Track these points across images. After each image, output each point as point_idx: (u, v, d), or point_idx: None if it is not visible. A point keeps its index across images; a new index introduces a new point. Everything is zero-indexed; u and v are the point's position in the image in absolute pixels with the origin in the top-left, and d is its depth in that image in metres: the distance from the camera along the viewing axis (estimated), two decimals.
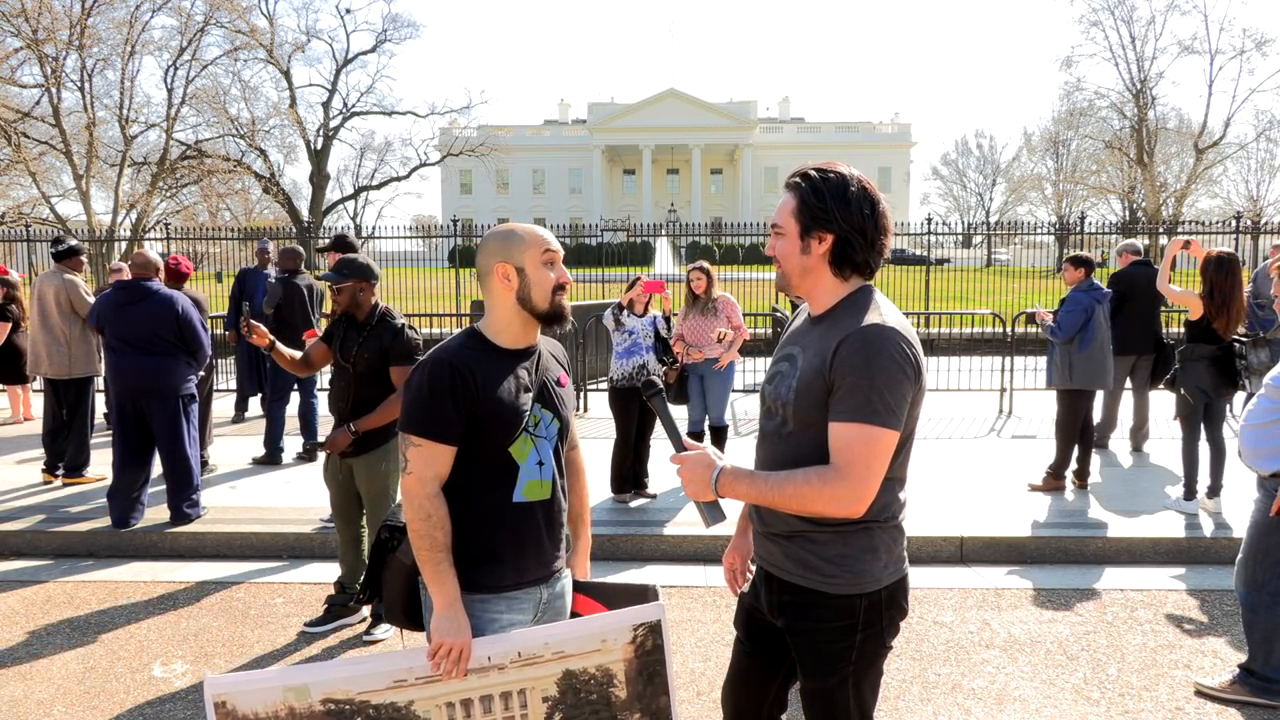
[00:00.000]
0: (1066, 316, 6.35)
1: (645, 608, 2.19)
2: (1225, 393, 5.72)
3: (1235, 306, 5.56)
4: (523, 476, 2.12)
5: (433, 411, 2.03)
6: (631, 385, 6.00)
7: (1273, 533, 3.51)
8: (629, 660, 2.15)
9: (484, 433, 2.06)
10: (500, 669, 2.08)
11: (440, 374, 2.04)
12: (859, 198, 1.92)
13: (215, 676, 2.05)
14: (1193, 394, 5.69)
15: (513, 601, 2.13)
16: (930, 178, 77.27)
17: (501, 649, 2.07)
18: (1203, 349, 5.65)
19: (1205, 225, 16.12)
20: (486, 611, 2.11)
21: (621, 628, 2.15)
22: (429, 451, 2.03)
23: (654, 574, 5.18)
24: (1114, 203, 44.87)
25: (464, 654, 2.04)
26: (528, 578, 2.15)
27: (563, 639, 2.11)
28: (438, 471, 2.05)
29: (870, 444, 1.82)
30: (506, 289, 2.11)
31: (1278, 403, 3.41)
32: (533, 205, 70.51)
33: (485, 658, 2.06)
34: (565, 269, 2.17)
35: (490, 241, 2.16)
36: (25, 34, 26.09)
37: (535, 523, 2.14)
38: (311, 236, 18.37)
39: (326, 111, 42.00)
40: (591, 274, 18.21)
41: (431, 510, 2.03)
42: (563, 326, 2.17)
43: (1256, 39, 37.39)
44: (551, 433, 2.18)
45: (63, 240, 7.15)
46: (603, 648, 2.13)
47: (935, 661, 4.03)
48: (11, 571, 5.29)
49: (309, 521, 5.74)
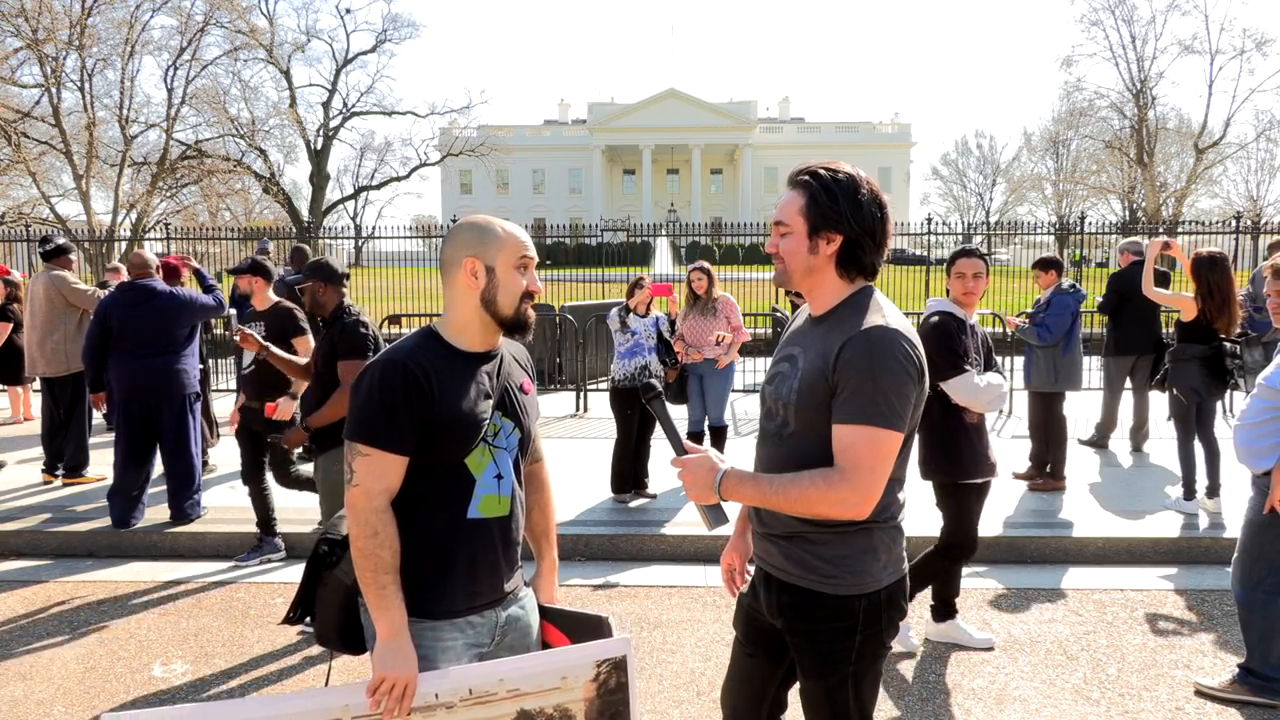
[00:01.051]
0: (1055, 319, 6.39)
1: (610, 642, 2.02)
2: (1216, 393, 5.74)
3: (1234, 304, 5.58)
4: (479, 491, 1.93)
5: (383, 418, 1.83)
6: (633, 386, 6.01)
7: (1267, 530, 3.52)
8: (589, 700, 1.97)
9: (439, 443, 1.87)
10: (449, 707, 1.86)
11: (392, 376, 1.84)
12: (869, 200, 1.92)
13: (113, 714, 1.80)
14: (1186, 394, 5.72)
15: (466, 626, 1.95)
16: (930, 178, 77.21)
17: (450, 685, 1.86)
18: (1194, 349, 5.67)
19: (1205, 225, 16.09)
20: (438, 640, 1.91)
21: (584, 664, 1.97)
22: (378, 462, 1.84)
23: (654, 574, 5.19)
24: (1114, 203, 44.86)
25: (408, 690, 1.82)
26: (481, 601, 1.96)
27: (519, 676, 1.91)
28: (387, 484, 1.85)
29: (875, 446, 1.82)
30: (471, 287, 1.93)
31: (1271, 402, 3.44)
32: (533, 205, 70.48)
33: (432, 694, 1.84)
34: (537, 276, 2.01)
35: (463, 232, 1.96)
36: (25, 34, 26.07)
37: (491, 542, 1.95)
38: (311, 237, 18.36)
39: (326, 111, 42.04)
40: (591, 274, 18.17)
41: (379, 527, 1.82)
42: (524, 336, 2.01)
43: (1257, 39, 37.41)
44: (512, 443, 2.01)
45: (50, 239, 7.13)
46: (562, 685, 1.95)
47: (935, 661, 4.03)
48: (11, 571, 5.29)
49: (309, 521, 5.73)
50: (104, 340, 5.63)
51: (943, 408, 3.83)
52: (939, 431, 3.85)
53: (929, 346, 3.68)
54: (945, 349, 3.76)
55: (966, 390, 3.76)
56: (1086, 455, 7.44)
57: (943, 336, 3.79)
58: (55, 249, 6.91)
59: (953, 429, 3.84)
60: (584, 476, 6.76)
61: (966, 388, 3.76)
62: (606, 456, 6.30)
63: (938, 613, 4.18)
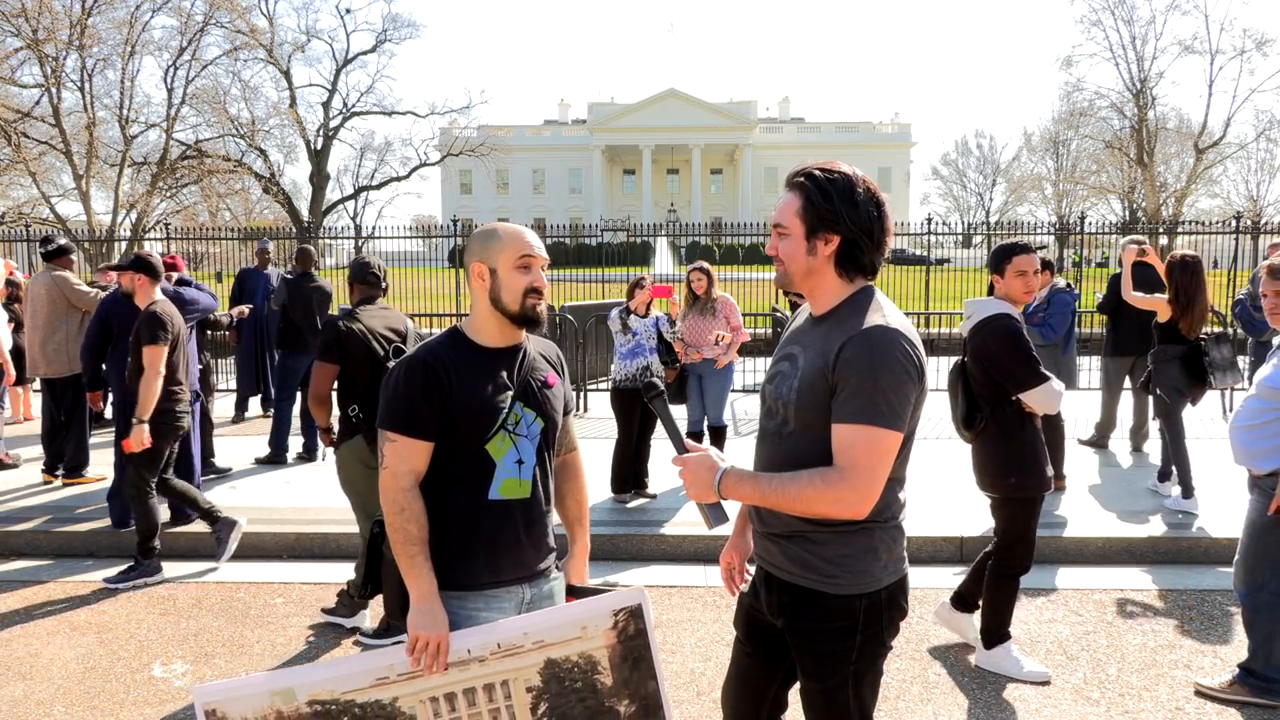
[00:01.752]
0: (1057, 317, 6.40)
1: (624, 592, 2.17)
2: (1196, 391, 5.81)
3: (1200, 307, 5.70)
4: (499, 474, 2.12)
5: (407, 407, 2.06)
6: (634, 386, 6.01)
7: (1269, 533, 3.52)
8: (612, 646, 2.13)
9: (459, 428, 2.07)
10: (481, 661, 2.08)
11: (415, 371, 2.07)
12: (866, 200, 1.92)
13: (203, 685, 2.07)
14: (1169, 394, 5.79)
15: (491, 599, 2.13)
16: (930, 178, 77.37)
17: (480, 641, 2.08)
18: (1172, 350, 5.78)
19: (1205, 225, 16.08)
20: (464, 608, 2.11)
21: (601, 613, 2.13)
22: (403, 447, 2.07)
23: (654, 574, 5.19)
24: (1114, 203, 44.89)
25: (442, 648, 2.03)
26: (504, 576, 2.14)
27: (541, 628, 2.10)
28: (412, 466, 2.07)
29: (875, 445, 1.82)
30: (481, 288, 2.14)
31: (1271, 403, 3.43)
32: (533, 205, 70.50)
33: (465, 650, 2.07)
34: (542, 274, 2.16)
35: (472, 240, 2.20)
36: (25, 34, 26.11)
37: (512, 521, 2.14)
38: (311, 236, 18.36)
39: (326, 111, 42.04)
40: (591, 274, 18.17)
41: (405, 504, 2.05)
42: (534, 330, 2.18)
43: (1257, 39, 37.44)
44: (534, 432, 2.17)
45: (51, 240, 7.14)
46: (583, 635, 2.12)
47: (935, 661, 4.03)
48: (11, 571, 5.30)
49: (309, 521, 5.74)
50: (104, 339, 5.63)
51: (1019, 418, 3.64)
52: (1015, 443, 3.63)
53: (1005, 356, 3.55)
54: (1023, 356, 3.53)
55: (1049, 397, 3.56)
56: (1086, 455, 7.44)
57: (1018, 343, 3.56)
58: (57, 249, 6.91)
59: (1030, 439, 3.64)
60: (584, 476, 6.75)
61: (1049, 395, 3.56)
62: (606, 456, 6.30)
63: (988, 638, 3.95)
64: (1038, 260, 3.71)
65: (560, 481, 2.41)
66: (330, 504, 6.12)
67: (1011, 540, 3.77)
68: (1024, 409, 3.63)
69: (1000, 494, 3.73)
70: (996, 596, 3.84)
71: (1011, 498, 3.71)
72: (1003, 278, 3.70)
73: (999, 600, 3.84)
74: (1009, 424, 3.63)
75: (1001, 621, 3.87)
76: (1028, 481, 3.66)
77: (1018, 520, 3.74)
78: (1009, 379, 3.59)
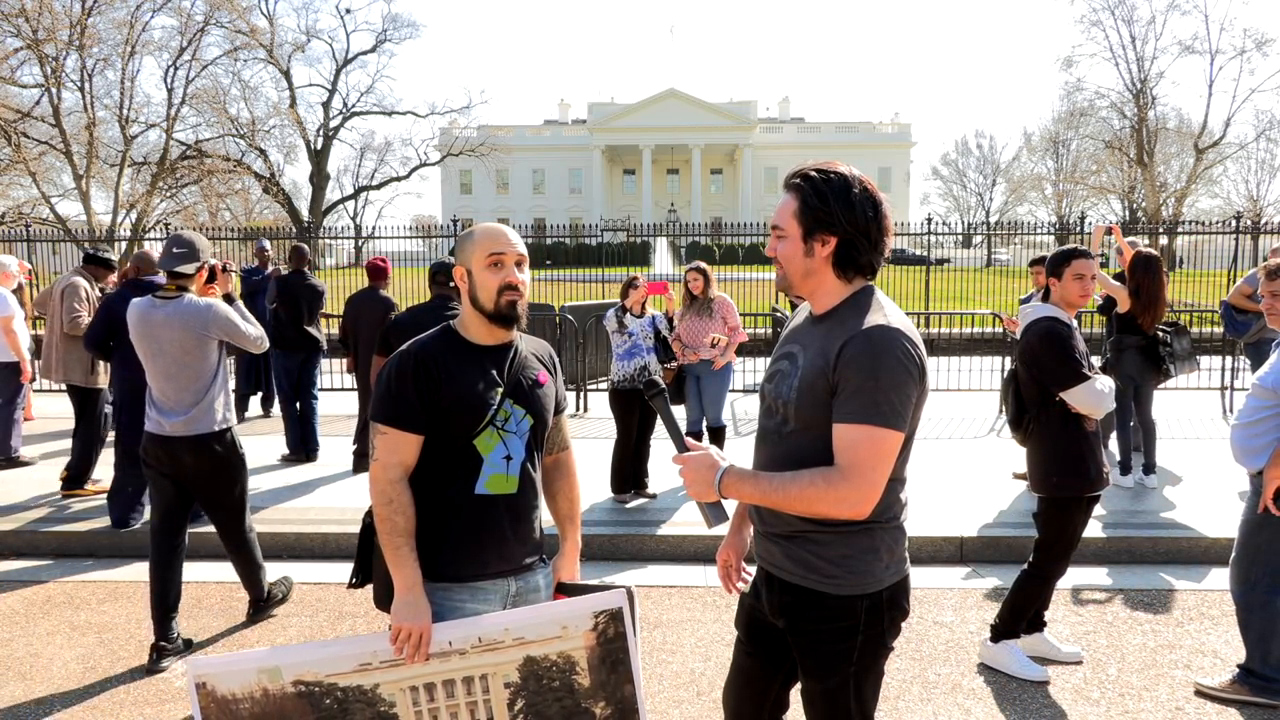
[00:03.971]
0: None
1: (606, 594, 2.18)
2: (1153, 378, 6.29)
3: (1159, 305, 6.12)
4: (486, 469, 2.16)
5: (397, 400, 2.11)
6: (633, 387, 5.99)
7: (1262, 530, 3.52)
8: (590, 648, 2.15)
9: (447, 423, 2.12)
10: (461, 654, 2.11)
11: (405, 365, 2.12)
12: (862, 199, 1.91)
13: (196, 658, 2.14)
14: (1122, 380, 6.27)
15: (476, 591, 2.17)
16: (930, 178, 77.35)
17: (462, 634, 2.11)
18: (1130, 339, 6.28)
19: (1205, 225, 16.09)
20: (449, 600, 2.15)
21: (582, 614, 2.15)
22: (393, 439, 2.11)
23: (654, 574, 5.19)
24: (1114, 203, 44.89)
25: (424, 638, 2.07)
26: (489, 570, 2.18)
27: (522, 625, 2.13)
28: (401, 458, 2.11)
29: (876, 445, 1.82)
30: (463, 289, 2.20)
31: (1265, 401, 3.44)
32: (533, 205, 70.48)
33: (446, 642, 2.10)
34: (517, 271, 2.16)
35: (457, 242, 2.28)
36: (25, 34, 26.09)
37: (497, 516, 2.18)
38: (311, 236, 18.36)
39: (326, 111, 42.06)
40: (591, 274, 18.17)
41: (393, 495, 2.09)
42: (511, 328, 2.21)
43: (1257, 39, 37.48)
44: (523, 429, 2.21)
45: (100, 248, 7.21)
46: (563, 634, 2.14)
47: (935, 661, 4.03)
48: (11, 571, 5.29)
49: (309, 521, 5.74)
50: (106, 334, 5.63)
51: (1063, 418, 3.63)
52: (1061, 444, 3.64)
53: (1044, 356, 3.61)
54: (1063, 356, 3.56)
55: (1091, 397, 3.57)
56: None
57: (1058, 343, 3.58)
58: (103, 261, 6.95)
59: (1076, 439, 3.64)
60: (584, 476, 6.71)
61: (1091, 395, 3.56)
62: (606, 456, 6.30)
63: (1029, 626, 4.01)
64: (1096, 265, 3.74)
65: (552, 480, 2.45)
66: (330, 504, 6.13)
67: (1050, 540, 3.79)
68: (1068, 409, 3.64)
69: (1044, 493, 3.76)
70: (1020, 593, 3.88)
71: (1054, 497, 3.74)
72: (1060, 280, 3.73)
73: (1021, 598, 3.88)
74: (1052, 425, 3.66)
75: (1017, 619, 3.91)
76: (1069, 482, 3.67)
77: (1055, 520, 3.76)
78: (1050, 378, 3.64)
